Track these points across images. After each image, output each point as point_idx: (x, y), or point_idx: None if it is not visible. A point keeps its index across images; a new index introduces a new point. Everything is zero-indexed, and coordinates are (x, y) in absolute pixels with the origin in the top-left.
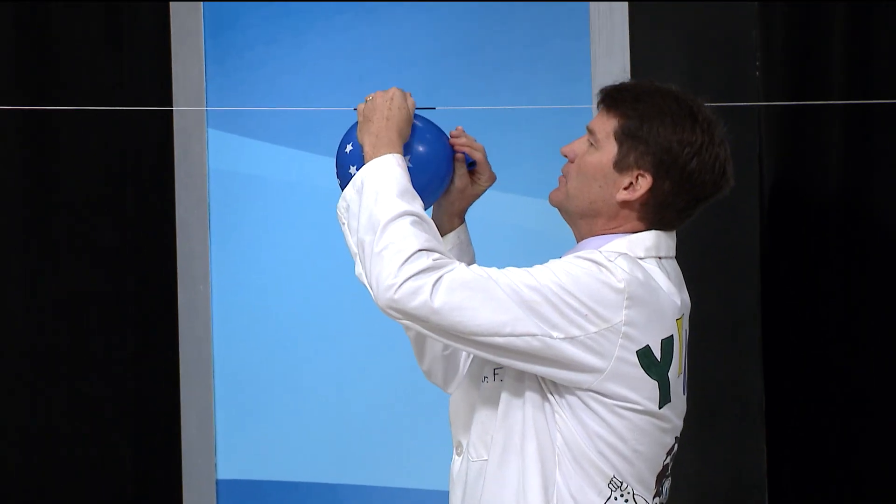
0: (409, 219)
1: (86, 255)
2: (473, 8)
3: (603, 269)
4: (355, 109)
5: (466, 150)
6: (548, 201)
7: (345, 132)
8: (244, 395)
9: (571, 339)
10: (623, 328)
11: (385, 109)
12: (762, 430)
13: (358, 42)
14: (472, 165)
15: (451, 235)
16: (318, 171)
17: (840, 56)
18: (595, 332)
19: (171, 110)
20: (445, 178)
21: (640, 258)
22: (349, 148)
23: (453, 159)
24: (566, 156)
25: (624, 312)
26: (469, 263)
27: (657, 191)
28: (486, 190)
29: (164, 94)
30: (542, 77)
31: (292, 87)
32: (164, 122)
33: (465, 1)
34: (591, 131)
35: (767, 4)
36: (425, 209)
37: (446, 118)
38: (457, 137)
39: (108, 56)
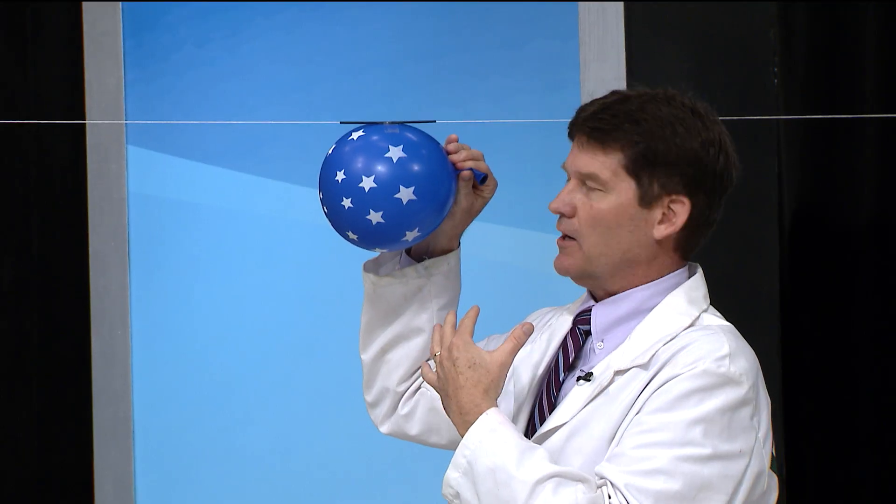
0: (548, 484)
1: None
2: (441, 2)
3: (731, 388)
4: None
5: (471, 164)
6: (556, 271)
7: (330, 150)
8: (170, 463)
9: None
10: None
11: (454, 375)
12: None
13: (306, 43)
14: (483, 181)
15: (449, 258)
16: (258, 195)
17: (873, 60)
18: (755, 466)
19: (84, 123)
20: (447, 202)
21: (704, 311)
22: (341, 176)
23: (457, 178)
24: (561, 212)
25: (759, 425)
26: (453, 298)
27: (696, 209)
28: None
29: (75, 104)
30: (523, 84)
31: (228, 97)
32: (76, 138)
33: None
34: (589, 176)
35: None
36: (425, 236)
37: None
38: (456, 153)
39: (7, 59)
